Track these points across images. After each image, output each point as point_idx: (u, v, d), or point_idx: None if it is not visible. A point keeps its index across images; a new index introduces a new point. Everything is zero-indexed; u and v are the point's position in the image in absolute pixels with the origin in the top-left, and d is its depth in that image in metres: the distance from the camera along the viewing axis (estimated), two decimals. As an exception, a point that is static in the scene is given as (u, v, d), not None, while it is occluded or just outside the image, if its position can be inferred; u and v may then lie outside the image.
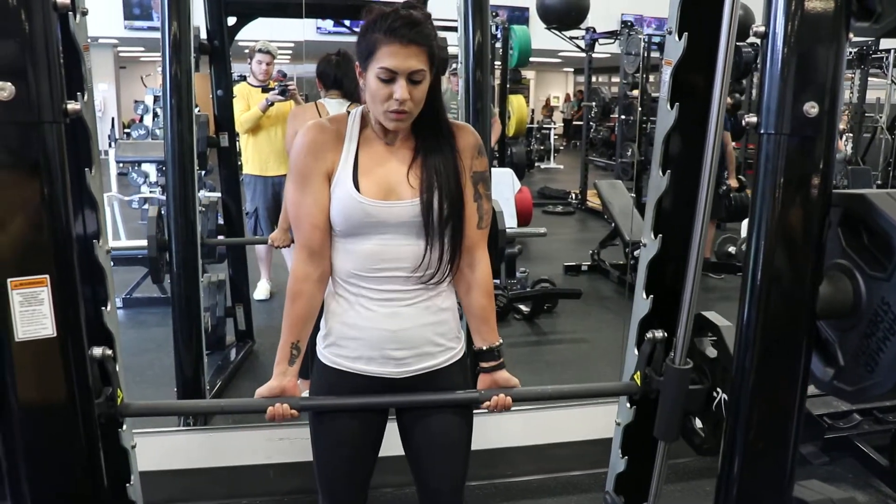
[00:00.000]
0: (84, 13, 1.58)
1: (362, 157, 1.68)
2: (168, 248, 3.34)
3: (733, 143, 6.70)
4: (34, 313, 1.31)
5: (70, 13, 1.40)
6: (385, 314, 1.70)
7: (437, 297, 1.75)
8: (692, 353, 1.86)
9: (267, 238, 3.80)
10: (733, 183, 6.15)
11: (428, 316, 1.74)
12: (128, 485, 1.89)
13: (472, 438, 1.85)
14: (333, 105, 3.32)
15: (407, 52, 1.55)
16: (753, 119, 1.57)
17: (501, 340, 1.82)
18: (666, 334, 1.89)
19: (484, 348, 1.80)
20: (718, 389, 1.87)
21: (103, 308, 1.72)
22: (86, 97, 1.59)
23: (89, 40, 1.63)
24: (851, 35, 1.55)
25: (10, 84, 1.23)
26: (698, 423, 2.00)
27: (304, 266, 1.70)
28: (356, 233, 1.68)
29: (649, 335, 1.91)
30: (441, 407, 1.80)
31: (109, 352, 1.62)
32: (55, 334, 1.34)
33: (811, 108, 1.49)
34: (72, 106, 1.33)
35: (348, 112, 1.75)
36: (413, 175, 1.67)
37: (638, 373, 1.95)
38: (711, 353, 1.90)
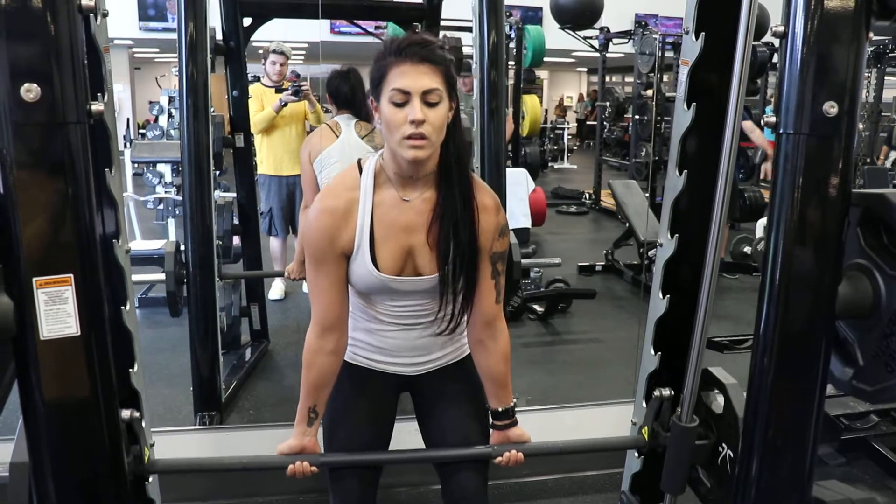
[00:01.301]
0: (105, 15, 1.59)
1: (378, 224, 1.65)
2: (186, 282, 3.34)
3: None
4: (59, 312, 1.33)
5: (91, 15, 1.41)
6: (401, 331, 1.79)
7: (454, 336, 1.84)
8: (698, 407, 1.90)
9: (284, 271, 3.79)
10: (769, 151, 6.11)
11: (446, 347, 1.86)
12: (146, 482, 1.91)
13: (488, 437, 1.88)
14: (343, 120, 3.34)
15: (418, 70, 1.51)
16: (772, 119, 1.57)
17: (515, 400, 1.87)
18: (672, 392, 1.96)
19: (500, 409, 1.84)
20: (724, 444, 1.90)
21: (122, 308, 1.74)
22: (106, 98, 1.61)
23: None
24: (871, 34, 1.54)
25: (36, 86, 1.24)
26: (704, 474, 2.02)
27: (317, 340, 1.71)
28: (375, 294, 1.73)
29: (657, 393, 1.98)
30: (460, 404, 1.85)
31: (137, 414, 1.68)
32: (79, 333, 1.35)
33: (830, 108, 1.48)
34: (95, 107, 1.34)
35: (359, 167, 1.70)
36: (429, 239, 1.66)
37: (646, 428, 2.02)
38: (717, 408, 1.94)
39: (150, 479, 1.92)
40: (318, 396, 1.74)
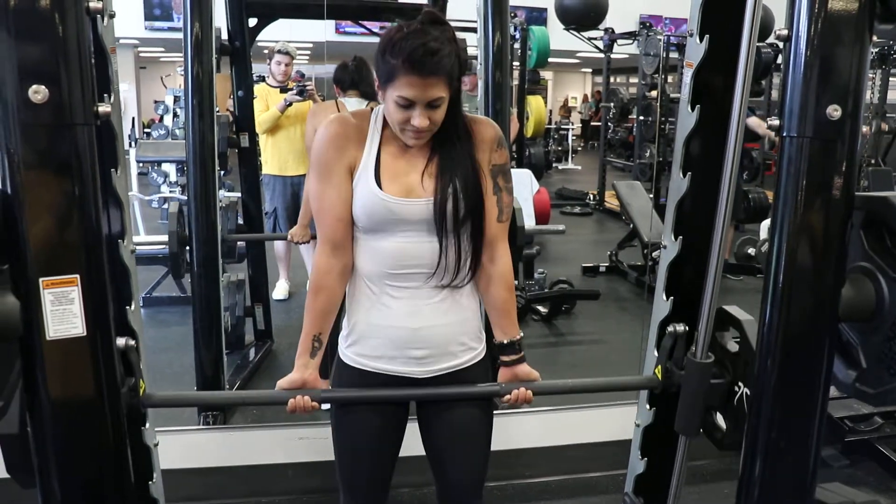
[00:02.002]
0: (112, 16, 1.60)
1: (384, 154, 1.69)
2: (189, 245, 3.37)
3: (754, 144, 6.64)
4: (64, 312, 1.33)
5: (98, 16, 1.42)
6: (406, 312, 1.71)
7: (459, 296, 1.75)
8: (713, 347, 1.85)
9: (286, 235, 3.83)
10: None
11: (450, 315, 1.74)
12: (150, 482, 1.92)
13: (492, 435, 1.86)
14: (352, 103, 3.34)
15: (426, 83, 1.55)
16: (776, 122, 1.57)
17: (522, 334, 1.82)
18: (687, 328, 1.90)
19: (504, 342, 1.80)
20: (740, 384, 1.85)
21: (127, 307, 1.74)
22: (113, 99, 1.62)
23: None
24: (874, 37, 1.55)
25: (44, 87, 1.25)
26: (719, 419, 1.99)
27: (327, 259, 1.70)
28: (379, 229, 1.68)
29: (670, 329, 1.92)
30: (461, 402, 1.81)
31: (133, 342, 1.63)
32: (85, 333, 1.36)
33: (834, 111, 1.49)
34: (102, 108, 1.35)
35: (370, 109, 1.75)
36: (427, 177, 1.68)
37: (659, 367, 1.95)
38: (733, 347, 1.89)
39: (154, 479, 1.93)
40: (324, 324, 1.73)
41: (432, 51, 1.52)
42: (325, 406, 1.79)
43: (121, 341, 1.59)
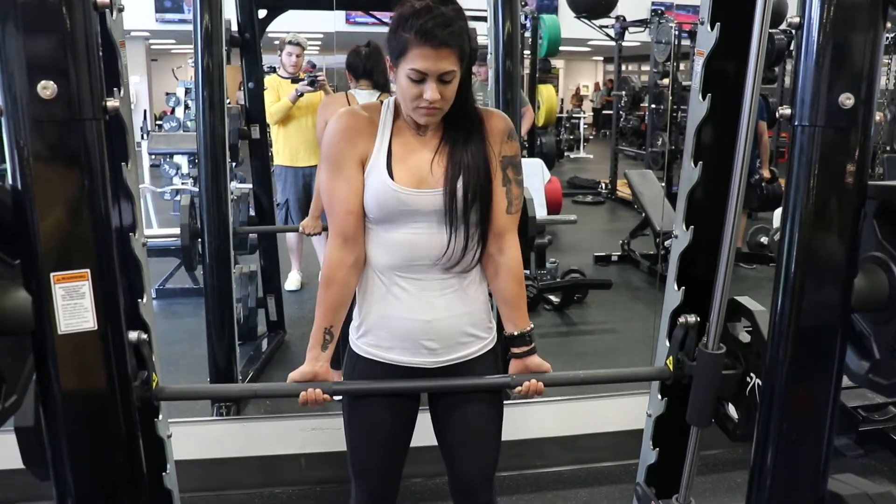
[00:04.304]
0: (120, 10, 1.60)
1: (395, 145, 1.69)
2: (201, 237, 3.38)
3: (768, 133, 6.59)
4: (76, 307, 1.34)
5: (107, 10, 1.42)
6: (418, 304, 1.72)
7: (469, 287, 1.76)
8: (725, 338, 1.84)
9: (298, 226, 3.84)
10: (766, 174, 6.05)
11: (460, 306, 1.75)
12: (164, 474, 1.94)
13: (502, 426, 1.87)
14: (363, 95, 3.33)
15: (438, 54, 1.55)
16: (787, 111, 1.56)
17: (532, 325, 1.82)
18: (699, 319, 1.89)
19: (515, 333, 1.80)
20: (752, 374, 1.85)
21: (139, 300, 1.75)
22: (122, 93, 1.62)
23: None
24: (888, 23, 1.53)
25: (52, 82, 1.25)
26: (731, 409, 1.98)
27: (338, 252, 1.71)
28: (390, 220, 1.69)
29: (682, 320, 1.90)
30: (472, 393, 1.82)
31: (145, 336, 1.64)
32: (96, 327, 1.37)
33: (846, 99, 1.47)
34: (111, 103, 1.35)
35: (380, 101, 1.76)
36: (438, 164, 1.68)
37: (671, 358, 1.94)
38: (745, 338, 1.88)
39: (168, 470, 1.94)
40: (336, 316, 1.73)
41: (444, 22, 1.54)
42: (338, 397, 1.80)
43: (133, 335, 1.59)
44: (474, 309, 1.79)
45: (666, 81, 8.58)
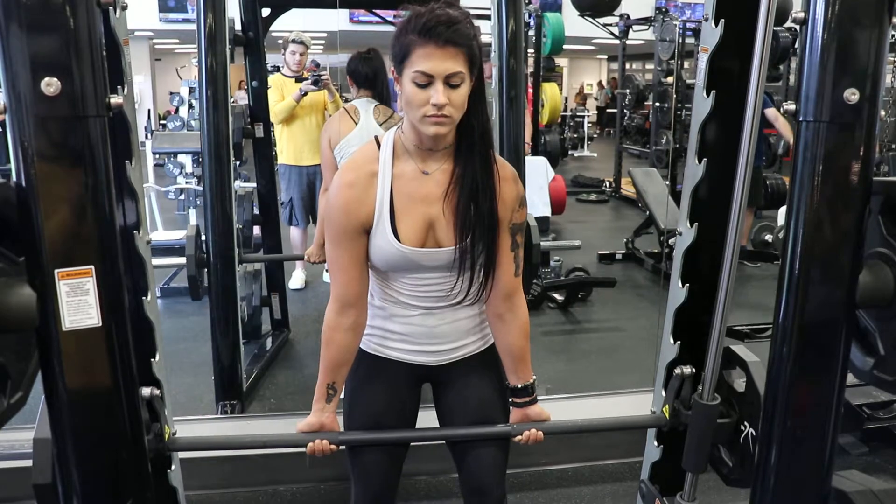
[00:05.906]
0: (124, 8, 1.60)
1: (397, 196, 1.65)
2: (207, 266, 3.38)
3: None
4: (80, 303, 1.34)
5: (111, 8, 1.42)
6: (420, 316, 1.76)
7: (471, 307, 1.80)
8: (720, 385, 1.89)
9: (303, 255, 3.82)
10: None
11: (461, 315, 1.79)
12: (169, 471, 1.94)
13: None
14: (363, 104, 3.33)
15: (443, 53, 1.49)
16: (792, 107, 1.55)
17: (535, 377, 1.85)
18: (694, 370, 1.94)
19: (519, 386, 1.83)
20: (746, 423, 1.89)
21: (143, 298, 1.76)
22: (126, 91, 1.62)
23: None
24: (894, 18, 1.52)
25: (56, 80, 1.25)
26: (725, 454, 2.01)
27: (335, 316, 1.71)
28: (395, 270, 1.71)
29: (677, 371, 1.96)
30: (479, 393, 1.84)
31: (157, 392, 1.70)
32: (100, 323, 1.37)
33: (851, 95, 1.46)
34: (115, 100, 1.35)
35: (377, 141, 1.70)
36: (446, 219, 1.65)
37: (667, 406, 1.99)
38: (739, 386, 1.92)
39: (173, 468, 1.95)
40: (337, 374, 1.74)
41: (448, 21, 1.49)
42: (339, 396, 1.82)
43: (146, 391, 1.65)
44: (475, 313, 1.82)
45: (670, 79, 8.58)
